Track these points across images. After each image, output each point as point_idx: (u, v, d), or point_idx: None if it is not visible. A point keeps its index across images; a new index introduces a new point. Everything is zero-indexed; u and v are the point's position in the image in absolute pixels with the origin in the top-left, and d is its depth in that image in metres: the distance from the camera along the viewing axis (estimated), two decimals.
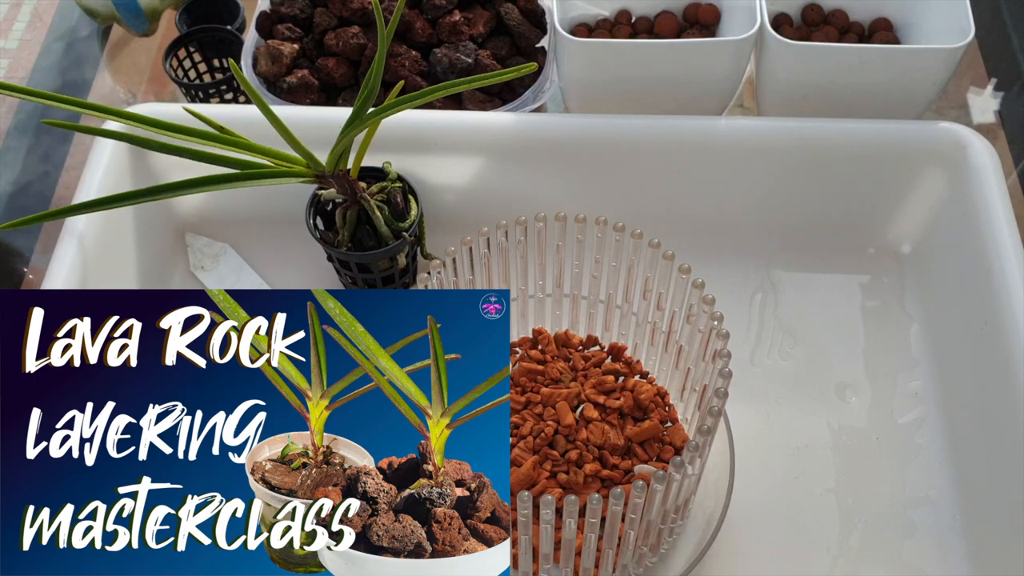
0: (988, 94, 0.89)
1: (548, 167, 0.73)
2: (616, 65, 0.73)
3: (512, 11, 0.80)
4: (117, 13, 0.91)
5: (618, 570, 0.55)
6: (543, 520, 0.48)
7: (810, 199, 0.75)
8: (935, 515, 0.63)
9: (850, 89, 0.73)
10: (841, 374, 0.70)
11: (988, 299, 0.64)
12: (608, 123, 0.73)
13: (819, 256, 0.76)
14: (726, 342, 0.53)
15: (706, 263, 0.61)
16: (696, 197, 0.75)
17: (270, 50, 0.79)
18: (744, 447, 0.63)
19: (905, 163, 0.72)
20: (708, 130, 0.72)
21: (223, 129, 0.62)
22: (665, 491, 0.50)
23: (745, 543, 0.62)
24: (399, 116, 0.63)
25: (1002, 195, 0.67)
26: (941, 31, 0.74)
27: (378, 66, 0.60)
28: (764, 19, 0.72)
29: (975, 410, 0.65)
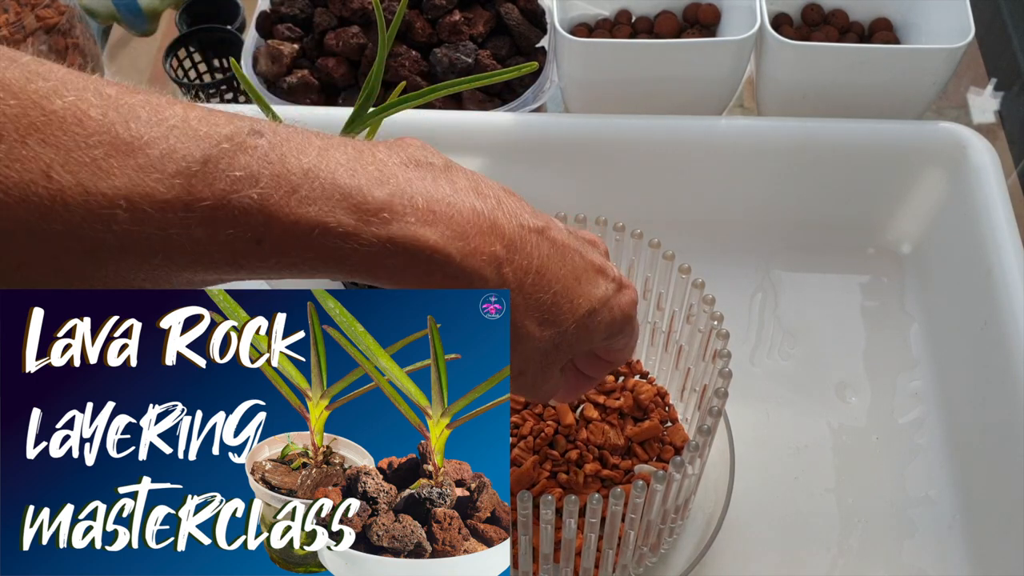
0: (988, 94, 0.89)
1: (548, 167, 0.73)
2: (616, 65, 0.73)
3: (512, 11, 0.80)
4: (117, 13, 0.91)
5: (618, 570, 0.55)
6: (543, 520, 0.48)
7: (810, 199, 0.75)
8: (935, 515, 0.63)
9: (850, 89, 0.73)
10: (841, 374, 0.70)
11: (988, 299, 0.64)
12: (608, 123, 0.73)
13: (819, 256, 0.76)
14: (726, 342, 0.53)
15: (706, 263, 0.61)
16: (696, 197, 0.75)
17: (270, 50, 0.79)
18: (744, 447, 0.63)
19: (905, 163, 0.72)
20: (708, 130, 0.72)
21: None
22: (665, 491, 0.50)
23: (745, 543, 0.62)
24: (399, 116, 0.62)
25: (1002, 195, 0.67)
26: (941, 31, 0.74)
27: (378, 66, 0.60)
28: (764, 19, 0.72)
29: (975, 410, 0.65)
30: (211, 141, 0.33)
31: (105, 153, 0.31)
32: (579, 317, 0.41)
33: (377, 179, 0.35)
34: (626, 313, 0.44)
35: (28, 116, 0.31)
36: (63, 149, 0.31)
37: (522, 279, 0.39)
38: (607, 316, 0.43)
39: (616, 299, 0.43)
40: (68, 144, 0.31)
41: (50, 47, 0.81)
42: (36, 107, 0.31)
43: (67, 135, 0.31)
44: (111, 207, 0.31)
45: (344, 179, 0.35)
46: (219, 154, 0.33)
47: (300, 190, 0.34)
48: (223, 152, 0.33)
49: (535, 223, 0.40)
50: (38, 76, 0.32)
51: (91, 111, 0.32)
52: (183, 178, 0.32)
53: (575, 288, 0.41)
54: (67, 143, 0.31)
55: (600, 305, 0.42)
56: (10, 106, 0.30)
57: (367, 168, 0.36)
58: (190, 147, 0.32)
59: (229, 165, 0.33)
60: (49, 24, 0.81)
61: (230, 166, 0.33)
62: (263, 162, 0.33)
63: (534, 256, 0.39)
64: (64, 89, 0.32)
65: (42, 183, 0.30)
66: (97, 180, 0.31)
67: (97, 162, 0.31)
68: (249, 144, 0.33)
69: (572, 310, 0.41)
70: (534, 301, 0.39)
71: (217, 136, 0.33)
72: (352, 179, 0.35)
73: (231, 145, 0.33)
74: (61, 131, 0.31)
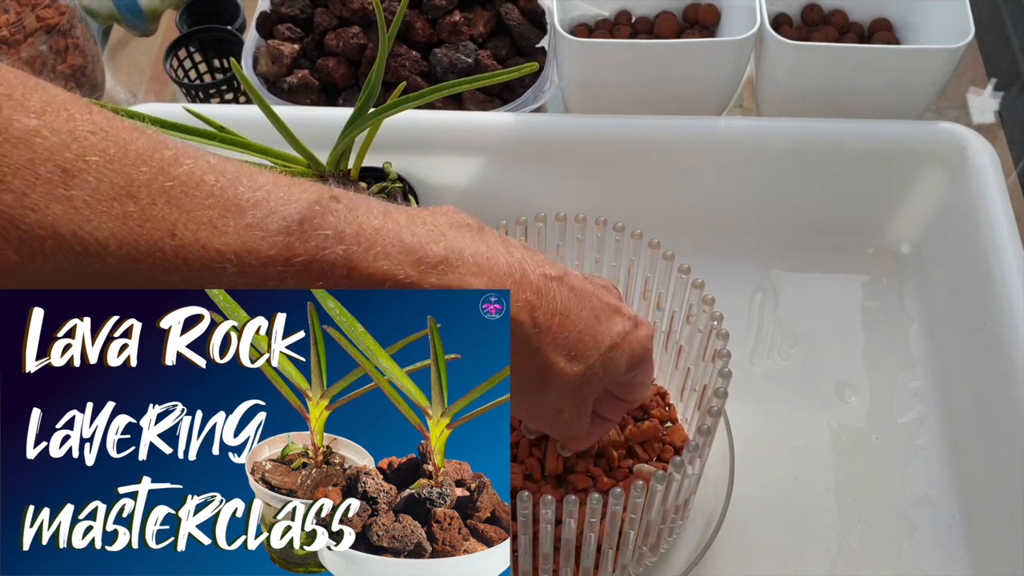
0: (988, 94, 0.89)
1: (548, 167, 0.73)
2: (616, 65, 0.73)
3: (512, 11, 0.80)
4: (117, 13, 0.91)
5: (618, 570, 0.55)
6: (543, 520, 0.48)
7: (810, 199, 0.75)
8: (935, 515, 0.63)
9: (850, 89, 0.73)
10: (840, 374, 0.70)
11: (987, 299, 0.64)
12: (608, 123, 0.73)
13: (819, 256, 0.76)
14: (726, 342, 0.53)
15: (706, 263, 0.61)
16: (696, 197, 0.75)
17: (270, 50, 0.79)
18: (744, 447, 0.63)
19: (905, 163, 0.72)
20: (708, 130, 0.72)
21: (223, 129, 0.62)
22: (665, 491, 0.50)
23: (745, 543, 0.62)
24: (399, 116, 0.63)
25: (1002, 195, 0.67)
26: (941, 31, 0.74)
27: (379, 66, 0.60)
28: (764, 19, 0.72)
29: (975, 410, 0.65)
30: (303, 204, 0.37)
31: (219, 214, 0.35)
32: (603, 351, 0.46)
33: (433, 238, 0.41)
34: (644, 346, 0.48)
35: (158, 181, 0.35)
36: (185, 210, 0.35)
37: (551, 321, 0.43)
38: (627, 350, 0.47)
39: (634, 334, 0.47)
40: (189, 205, 0.35)
41: (50, 47, 0.81)
42: (164, 173, 0.35)
43: (188, 198, 0.35)
44: (223, 262, 0.35)
45: (407, 238, 0.40)
46: (312, 215, 0.37)
47: (375, 247, 0.39)
48: (315, 213, 0.37)
49: (554, 272, 0.44)
50: (163, 145, 0.36)
51: (206, 176, 0.36)
52: (284, 236, 0.36)
53: (596, 326, 0.45)
54: (188, 205, 0.35)
55: (620, 340, 0.46)
56: (143, 172, 0.34)
57: (423, 228, 0.41)
58: (289, 209, 0.37)
59: (320, 225, 0.37)
60: (49, 24, 0.81)
61: (321, 226, 0.37)
62: (345, 222, 0.38)
63: (558, 300, 0.44)
64: (184, 157, 0.36)
65: (168, 240, 0.34)
66: (212, 238, 0.35)
67: (213, 222, 0.35)
68: (332, 208, 0.38)
69: (596, 345, 0.45)
70: (562, 340, 0.44)
71: (307, 200, 0.37)
72: (413, 238, 0.40)
73: (320, 207, 0.38)
74: (183, 194, 0.35)
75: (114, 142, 0.35)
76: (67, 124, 0.34)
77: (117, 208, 0.34)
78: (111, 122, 0.35)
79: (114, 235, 0.34)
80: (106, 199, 0.34)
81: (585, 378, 0.45)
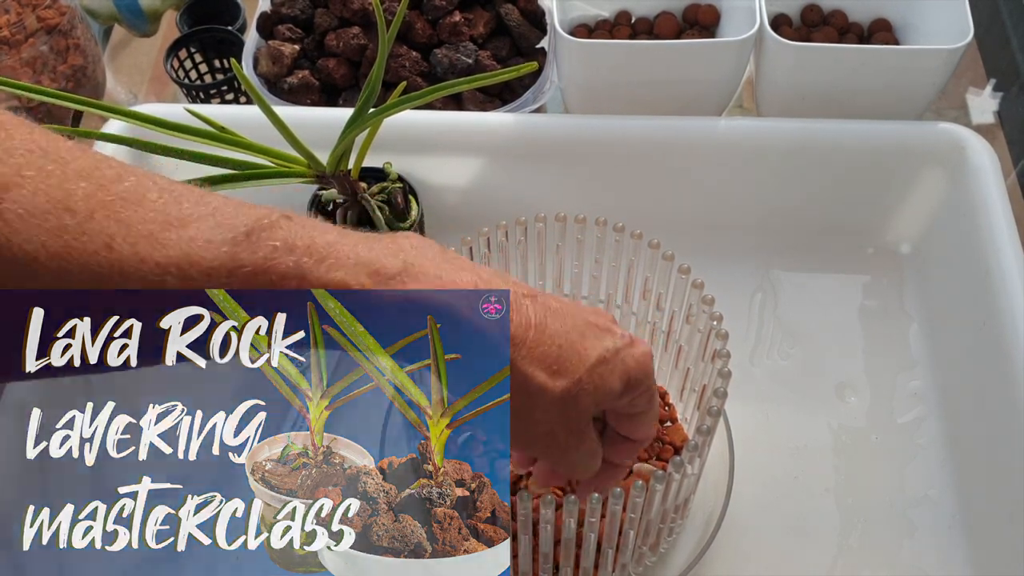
0: (987, 95, 0.89)
1: (548, 167, 0.73)
2: (616, 66, 0.73)
3: (512, 12, 0.80)
4: (118, 14, 0.91)
5: (618, 570, 0.55)
6: (543, 520, 0.48)
7: (810, 199, 0.75)
8: (935, 515, 0.63)
9: (849, 90, 0.73)
10: (840, 374, 0.70)
11: (987, 299, 0.64)
12: (608, 123, 0.73)
13: (818, 256, 0.76)
14: (725, 342, 0.53)
15: (706, 263, 0.61)
16: (696, 197, 0.75)
17: (271, 51, 0.79)
18: (744, 447, 0.63)
19: (904, 163, 0.72)
20: (708, 130, 0.72)
21: (224, 129, 0.62)
22: (665, 491, 0.50)
23: (745, 543, 0.62)
24: (400, 116, 0.63)
25: (1001, 195, 0.67)
26: (940, 31, 0.74)
27: (379, 67, 0.60)
28: (764, 20, 0.72)
29: (974, 410, 0.65)
30: (252, 217, 0.37)
31: (161, 227, 0.36)
32: (590, 366, 0.43)
33: (391, 253, 0.40)
34: (641, 364, 0.45)
35: (97, 196, 0.35)
36: (125, 224, 0.35)
37: (524, 333, 0.42)
38: (620, 366, 0.44)
39: (628, 351, 0.45)
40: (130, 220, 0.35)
41: (51, 48, 0.81)
42: (103, 189, 0.35)
43: (129, 212, 0.35)
44: (162, 274, 0.35)
45: (363, 252, 0.39)
46: (260, 227, 0.37)
47: (328, 259, 0.38)
48: (263, 226, 0.37)
49: (527, 291, 0.43)
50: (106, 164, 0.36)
51: (149, 193, 0.36)
52: (229, 246, 0.36)
53: (580, 341, 0.43)
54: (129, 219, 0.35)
55: (611, 355, 0.44)
56: (82, 187, 0.35)
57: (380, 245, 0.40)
58: (235, 222, 0.37)
59: (269, 236, 0.37)
60: (50, 25, 0.81)
61: (270, 237, 0.37)
62: (296, 236, 0.38)
63: (530, 313, 0.42)
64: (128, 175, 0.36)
65: (104, 253, 0.34)
66: (153, 250, 0.35)
67: (154, 235, 0.35)
68: (281, 223, 0.38)
69: (581, 360, 0.43)
70: (539, 353, 0.42)
71: (256, 214, 0.38)
72: (370, 252, 0.39)
73: (268, 221, 0.37)
74: (124, 209, 0.35)
75: (53, 159, 0.35)
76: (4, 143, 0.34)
77: (52, 221, 0.34)
78: (52, 142, 0.36)
79: (45, 247, 0.34)
80: (40, 212, 0.34)
81: (572, 395, 0.43)
